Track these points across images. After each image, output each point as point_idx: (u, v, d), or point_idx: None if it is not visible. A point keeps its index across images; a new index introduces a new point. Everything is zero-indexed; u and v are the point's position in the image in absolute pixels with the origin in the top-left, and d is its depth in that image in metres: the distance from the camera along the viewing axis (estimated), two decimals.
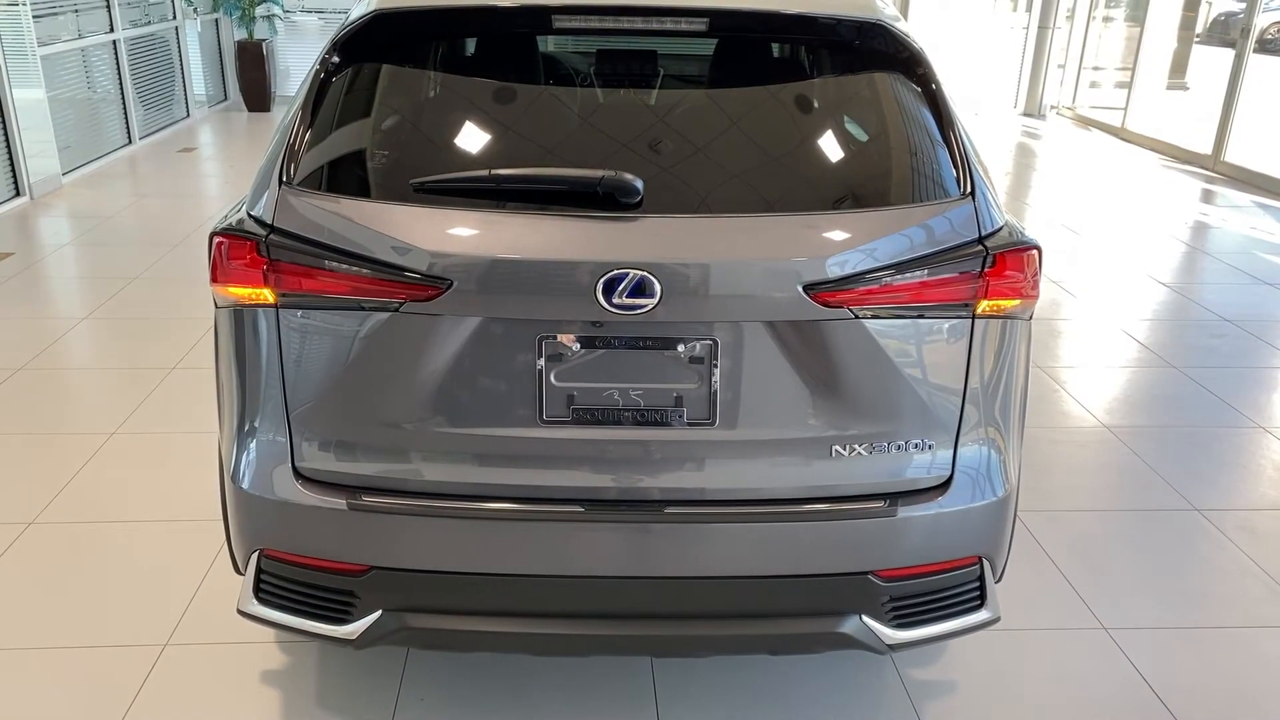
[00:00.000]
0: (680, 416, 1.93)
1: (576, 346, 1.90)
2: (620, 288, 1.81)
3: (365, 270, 1.85)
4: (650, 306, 1.83)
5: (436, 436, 1.94)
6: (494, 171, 1.90)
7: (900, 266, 1.89)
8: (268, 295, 1.91)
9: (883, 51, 2.14)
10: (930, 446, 2.00)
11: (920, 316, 1.94)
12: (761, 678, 2.47)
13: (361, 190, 1.95)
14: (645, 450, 1.95)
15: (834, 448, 1.96)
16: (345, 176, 2.01)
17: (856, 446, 1.97)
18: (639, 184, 1.84)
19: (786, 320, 1.89)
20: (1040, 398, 4.07)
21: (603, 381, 1.92)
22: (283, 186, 1.94)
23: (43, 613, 2.68)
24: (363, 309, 1.87)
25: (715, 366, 1.91)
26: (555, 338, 1.89)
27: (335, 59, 2.11)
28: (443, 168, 1.92)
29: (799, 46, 2.54)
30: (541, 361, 1.90)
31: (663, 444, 1.95)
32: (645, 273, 1.81)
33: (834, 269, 1.86)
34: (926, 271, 1.90)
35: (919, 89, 2.09)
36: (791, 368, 1.93)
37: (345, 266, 1.86)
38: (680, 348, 1.91)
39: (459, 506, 1.95)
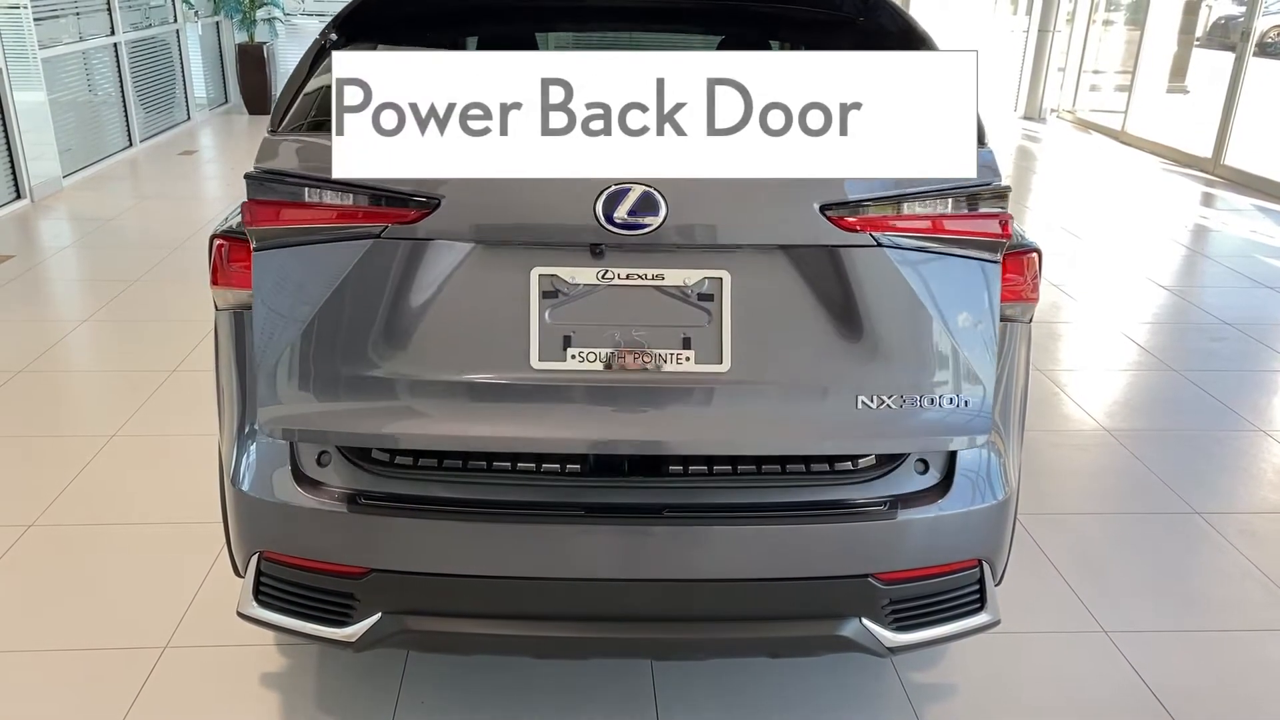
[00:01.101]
0: (688, 360, 1.82)
1: (573, 280, 1.81)
2: (622, 204, 1.72)
3: (347, 196, 1.77)
4: (654, 226, 1.73)
5: (421, 384, 1.85)
6: None
7: (918, 196, 1.80)
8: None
9: (886, 30, 2.15)
10: (966, 404, 1.86)
11: (945, 253, 1.84)
12: (761, 680, 2.47)
13: None
14: (649, 398, 1.83)
15: (859, 398, 1.83)
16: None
17: (885, 399, 1.82)
18: None
19: (802, 245, 1.79)
20: (1040, 401, 4.07)
21: (602, 321, 1.82)
22: (267, 134, 1.93)
23: (42, 615, 2.68)
24: (344, 238, 1.78)
25: (726, 303, 1.81)
26: (550, 270, 1.80)
27: (334, 36, 2.15)
28: None
29: (801, 28, 2.54)
30: (535, 298, 1.81)
31: (668, 391, 1.83)
32: (649, 188, 1.72)
33: (852, 189, 1.77)
34: (950, 204, 1.83)
35: None
36: (810, 305, 1.82)
37: (326, 195, 1.78)
38: (687, 281, 1.81)
39: (459, 507, 1.94)
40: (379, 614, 1.98)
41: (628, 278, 1.80)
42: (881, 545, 1.99)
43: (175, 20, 9.60)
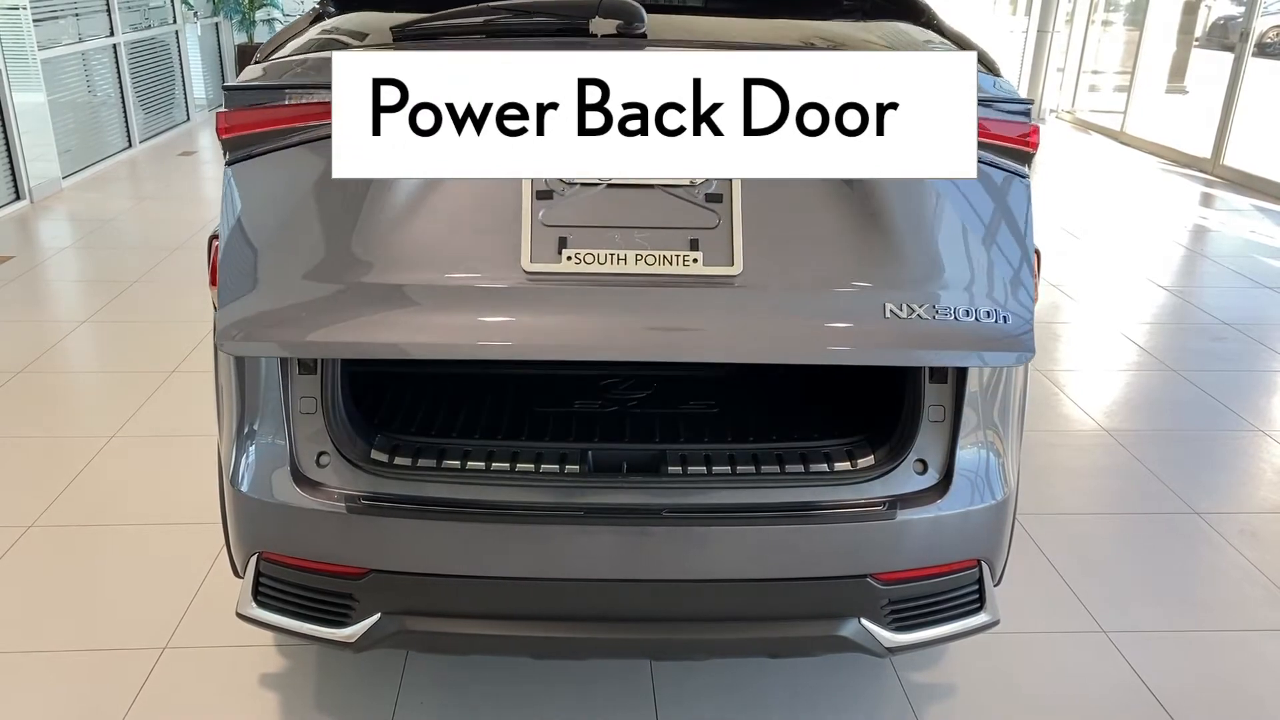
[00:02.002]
0: (695, 262, 1.70)
1: (571, 178, 1.72)
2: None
3: (325, 92, 1.69)
4: None
5: (401, 288, 1.75)
6: (481, 4, 1.77)
7: None
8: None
9: (889, 6, 2.15)
10: (1005, 320, 1.75)
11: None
12: (760, 680, 2.47)
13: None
14: (651, 301, 1.71)
15: (888, 306, 1.72)
16: (319, 47, 1.97)
17: (915, 308, 1.71)
18: (641, 11, 1.74)
19: None
20: (1040, 401, 4.07)
21: (601, 222, 1.73)
22: (250, 63, 1.93)
23: (42, 616, 2.68)
24: (322, 136, 1.69)
25: (737, 203, 1.72)
26: None
27: (331, 8, 2.19)
28: None
29: None
30: (528, 197, 1.74)
31: (673, 293, 1.71)
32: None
33: None
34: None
35: None
36: (829, 199, 1.75)
37: (303, 95, 1.74)
38: (695, 180, 1.71)
39: (457, 508, 1.94)
40: (378, 614, 1.98)
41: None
42: (880, 545, 1.99)
43: (175, 21, 9.59)
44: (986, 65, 1.96)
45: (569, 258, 1.73)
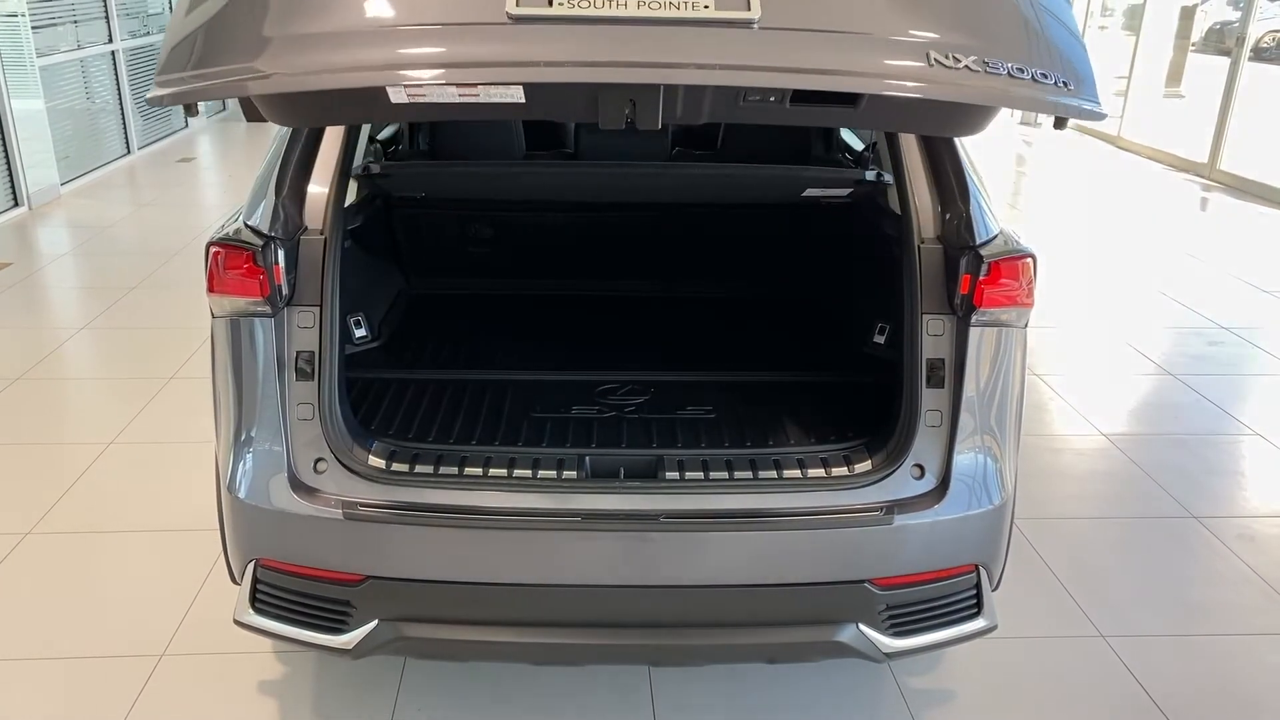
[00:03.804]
0: (706, 8, 1.51)
1: None
2: None
3: None
4: None
5: (372, 33, 1.57)
6: None
7: None
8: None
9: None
10: (1065, 85, 1.59)
11: None
12: (758, 685, 2.46)
13: None
14: (655, 44, 1.50)
15: (931, 54, 1.54)
16: None
17: (962, 58, 1.53)
18: None
19: None
20: (1037, 406, 4.08)
21: None
22: None
23: (39, 623, 2.67)
24: None
25: None
26: None
27: None
28: None
29: None
30: None
31: (680, 36, 1.50)
32: None
33: None
34: None
35: None
36: None
37: None
38: None
39: (455, 514, 1.94)
40: (375, 621, 1.99)
41: None
42: (878, 551, 1.99)
43: None
44: None
45: (560, 3, 1.51)
